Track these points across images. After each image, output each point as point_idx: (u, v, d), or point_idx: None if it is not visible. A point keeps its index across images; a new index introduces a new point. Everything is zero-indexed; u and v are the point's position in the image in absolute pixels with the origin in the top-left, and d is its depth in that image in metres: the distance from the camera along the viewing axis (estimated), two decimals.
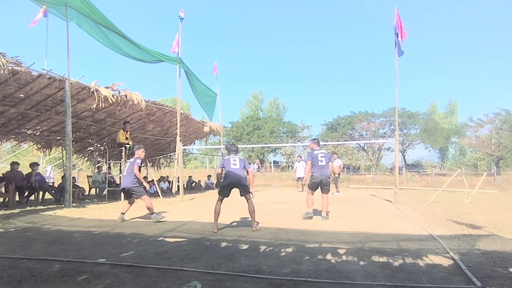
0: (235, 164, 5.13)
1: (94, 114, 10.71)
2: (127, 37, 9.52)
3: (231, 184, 5.06)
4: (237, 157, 5.28)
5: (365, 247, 3.86)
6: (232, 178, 5.05)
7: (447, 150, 50.33)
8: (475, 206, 8.33)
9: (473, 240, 4.21)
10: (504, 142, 27.35)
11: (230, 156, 5.30)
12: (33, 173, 9.17)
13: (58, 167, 17.16)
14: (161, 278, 2.74)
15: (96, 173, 11.68)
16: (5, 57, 6.61)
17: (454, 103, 54.20)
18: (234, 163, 5.14)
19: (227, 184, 5.07)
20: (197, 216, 6.64)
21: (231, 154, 5.35)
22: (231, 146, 5.48)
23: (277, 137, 40.98)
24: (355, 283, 2.62)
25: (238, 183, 5.06)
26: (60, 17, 8.48)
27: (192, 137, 16.44)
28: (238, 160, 5.20)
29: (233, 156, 5.28)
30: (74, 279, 2.71)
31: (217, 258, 3.35)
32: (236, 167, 5.11)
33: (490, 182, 18.02)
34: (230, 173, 5.08)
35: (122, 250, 3.72)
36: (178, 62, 11.31)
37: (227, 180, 5.08)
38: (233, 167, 5.09)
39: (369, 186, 18.67)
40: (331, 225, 5.51)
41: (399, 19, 8.94)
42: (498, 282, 2.62)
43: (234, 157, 5.27)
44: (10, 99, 8.53)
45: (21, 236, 4.62)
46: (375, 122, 34.32)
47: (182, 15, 11.38)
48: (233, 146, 5.46)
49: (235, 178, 5.05)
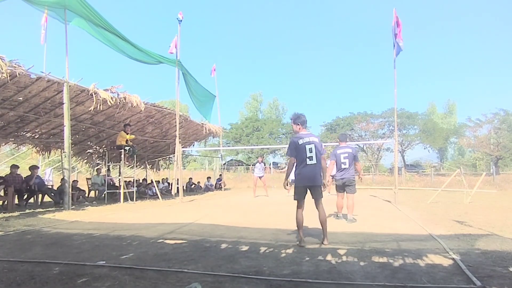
0: (311, 151, 3.98)
1: (93, 117, 10.70)
2: (126, 39, 9.53)
3: (306, 184, 4.04)
4: (313, 138, 4.09)
5: (365, 247, 3.86)
6: (308, 175, 3.99)
7: (446, 150, 50.41)
8: (475, 206, 8.35)
9: (473, 239, 4.22)
10: (503, 142, 27.42)
11: (303, 136, 4.08)
12: (33, 176, 9.15)
13: (57, 169, 17.13)
14: (161, 280, 2.74)
15: (95, 175, 11.66)
16: (3, 60, 6.60)
17: (452, 104, 54.36)
18: (311, 152, 3.97)
19: (303, 185, 4.05)
20: (196, 217, 6.63)
21: (302, 129, 4.19)
22: (301, 116, 4.22)
23: (276, 138, 41.02)
24: (355, 283, 2.62)
25: (313, 184, 4.04)
26: (59, 19, 8.49)
27: (191, 138, 16.43)
28: (314, 147, 4.01)
29: (307, 137, 4.08)
30: (73, 282, 2.70)
31: (217, 260, 3.34)
32: (313, 160, 3.96)
33: (489, 182, 18.07)
34: (304, 169, 4.00)
35: (121, 252, 3.71)
36: (177, 64, 11.33)
37: (302, 177, 4.02)
38: (309, 162, 3.97)
39: (368, 187, 18.67)
40: (331, 225, 5.49)
41: (397, 20, 8.98)
42: (498, 282, 2.63)
43: (307, 137, 4.06)
44: (9, 102, 8.52)
45: (20, 239, 4.60)
46: (374, 122, 34.41)
47: (181, 17, 11.40)
48: (303, 116, 4.23)
49: (312, 175, 4.00)
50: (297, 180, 4.07)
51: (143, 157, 14.96)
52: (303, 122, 4.23)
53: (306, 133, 4.22)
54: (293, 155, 4.05)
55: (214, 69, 16.91)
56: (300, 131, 4.21)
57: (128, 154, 10.46)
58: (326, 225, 4.17)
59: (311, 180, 4.03)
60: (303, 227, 4.11)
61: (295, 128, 4.28)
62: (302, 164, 4.01)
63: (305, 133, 4.20)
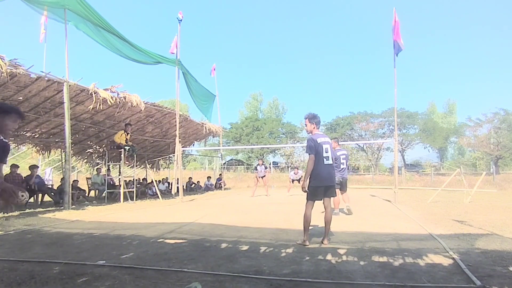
0: (327, 152, 4.07)
1: (93, 116, 10.70)
2: (126, 39, 9.53)
3: (326, 184, 4.06)
4: (327, 139, 4.21)
5: (365, 247, 3.87)
6: (327, 175, 4.04)
7: (446, 149, 50.39)
8: (475, 205, 8.35)
9: (473, 239, 4.22)
10: (503, 142, 27.44)
11: (320, 136, 4.16)
12: (33, 176, 9.15)
13: (57, 169, 17.13)
14: (161, 279, 2.74)
15: (95, 175, 11.66)
16: (3, 60, 6.60)
17: (452, 103, 54.31)
18: (326, 152, 4.06)
19: (323, 185, 4.05)
20: (196, 217, 6.63)
21: (317, 130, 4.26)
22: (317, 116, 4.29)
23: (276, 138, 41.03)
24: (355, 283, 2.63)
25: (331, 184, 4.11)
26: (58, 19, 8.48)
27: (191, 138, 16.42)
28: (329, 147, 4.14)
29: (323, 137, 4.18)
30: (74, 281, 2.71)
31: (217, 259, 3.35)
32: (329, 160, 4.05)
33: (489, 181, 18.08)
34: (322, 168, 4.02)
35: (122, 252, 3.71)
36: (177, 63, 11.33)
37: (322, 178, 4.01)
38: (326, 161, 4.03)
39: (368, 186, 18.68)
40: (331, 225, 5.50)
41: (396, 20, 8.98)
42: (498, 281, 2.63)
43: (323, 138, 4.17)
44: (9, 101, 8.49)
45: (20, 238, 4.61)
46: (374, 122, 34.46)
47: (181, 17, 11.40)
48: (318, 117, 4.31)
49: (331, 176, 4.08)
50: (317, 180, 4.01)
51: (143, 156, 14.96)
52: (318, 122, 4.30)
53: (320, 133, 4.27)
54: (313, 152, 4.02)
55: (214, 68, 16.92)
56: (314, 131, 4.25)
57: (128, 153, 10.46)
58: (330, 225, 4.18)
59: (330, 180, 4.10)
60: (309, 228, 4.10)
61: (309, 127, 4.30)
62: (320, 163, 4.01)
63: (319, 133, 4.25)
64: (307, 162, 4.16)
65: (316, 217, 5.85)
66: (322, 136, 4.19)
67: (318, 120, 4.30)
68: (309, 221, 4.04)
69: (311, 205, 4.08)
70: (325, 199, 4.15)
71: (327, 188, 4.09)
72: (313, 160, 4.01)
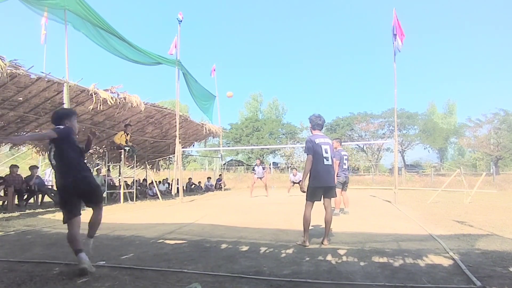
0: (326, 152, 4.05)
1: (93, 117, 10.70)
2: (125, 39, 9.54)
3: (325, 185, 4.05)
4: (328, 140, 4.19)
5: (365, 247, 3.86)
6: (326, 176, 4.02)
7: (446, 150, 50.36)
8: (475, 206, 8.35)
9: (473, 239, 4.22)
10: (503, 142, 27.44)
11: (319, 136, 4.15)
12: (33, 176, 9.16)
13: None
14: (161, 280, 2.74)
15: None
16: (3, 61, 6.61)
17: (452, 104, 54.29)
18: (326, 153, 4.03)
19: (322, 186, 4.04)
20: (196, 218, 6.63)
21: (316, 131, 4.26)
22: (317, 118, 4.25)
23: (276, 138, 41.01)
24: (356, 283, 2.62)
25: (331, 184, 4.11)
26: (58, 20, 8.49)
27: (191, 139, 16.43)
28: (329, 148, 4.12)
29: (322, 137, 4.16)
30: (74, 282, 2.71)
31: (217, 260, 3.34)
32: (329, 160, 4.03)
33: (489, 182, 18.08)
34: (321, 169, 4.00)
35: (121, 253, 3.71)
36: (177, 64, 11.34)
37: (321, 178, 4.00)
38: (325, 162, 4.01)
39: (368, 187, 18.68)
40: (331, 225, 5.50)
41: (397, 20, 9.00)
42: (498, 282, 2.63)
43: (323, 138, 4.15)
44: (9, 102, 8.52)
45: (20, 239, 4.61)
46: (374, 123, 34.46)
47: (181, 18, 11.42)
48: (320, 119, 4.27)
49: (330, 176, 4.06)
50: (316, 181, 4.01)
51: (143, 157, 14.95)
52: (317, 124, 4.32)
53: (320, 134, 4.28)
54: (311, 153, 4.03)
55: (214, 69, 16.94)
56: (314, 132, 4.29)
57: (128, 154, 10.46)
58: (330, 226, 4.18)
59: (330, 180, 4.09)
60: (309, 228, 4.10)
61: (311, 129, 4.37)
62: (319, 164, 4.01)
63: (319, 134, 4.27)
64: (305, 163, 4.18)
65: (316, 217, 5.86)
66: (321, 136, 4.20)
67: (318, 122, 4.29)
68: (308, 222, 4.04)
69: (311, 205, 4.08)
70: (325, 199, 4.15)
71: (326, 189, 4.09)
72: (310, 161, 4.02)
